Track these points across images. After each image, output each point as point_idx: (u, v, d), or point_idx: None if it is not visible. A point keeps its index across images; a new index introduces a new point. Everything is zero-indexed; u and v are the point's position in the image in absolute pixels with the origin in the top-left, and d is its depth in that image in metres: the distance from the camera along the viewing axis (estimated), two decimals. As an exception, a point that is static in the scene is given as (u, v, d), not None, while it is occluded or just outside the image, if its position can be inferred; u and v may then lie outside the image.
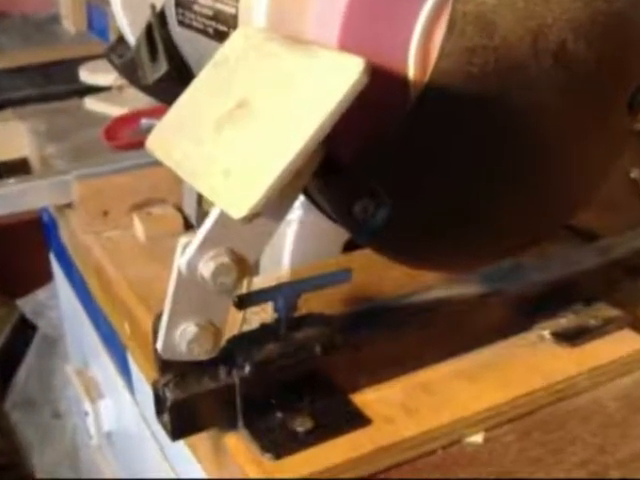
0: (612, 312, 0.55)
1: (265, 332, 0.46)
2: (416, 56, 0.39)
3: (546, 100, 0.41)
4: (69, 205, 0.75)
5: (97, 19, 1.32)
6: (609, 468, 0.45)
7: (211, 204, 0.38)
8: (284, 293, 0.45)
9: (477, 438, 0.47)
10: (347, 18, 0.39)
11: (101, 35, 1.28)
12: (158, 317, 0.42)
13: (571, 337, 0.53)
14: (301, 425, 0.44)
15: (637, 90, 0.45)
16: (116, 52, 0.65)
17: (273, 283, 0.47)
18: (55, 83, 1.05)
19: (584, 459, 0.45)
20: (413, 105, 0.39)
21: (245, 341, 0.45)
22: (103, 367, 0.96)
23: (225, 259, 0.39)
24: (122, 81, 0.87)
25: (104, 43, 1.14)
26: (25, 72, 1.11)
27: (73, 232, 0.76)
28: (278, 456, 0.43)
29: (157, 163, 0.41)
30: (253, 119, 0.38)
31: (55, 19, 1.41)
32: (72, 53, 1.15)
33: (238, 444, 0.45)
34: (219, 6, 0.47)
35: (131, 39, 0.62)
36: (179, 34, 0.55)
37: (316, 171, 0.39)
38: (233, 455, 0.45)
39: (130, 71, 0.62)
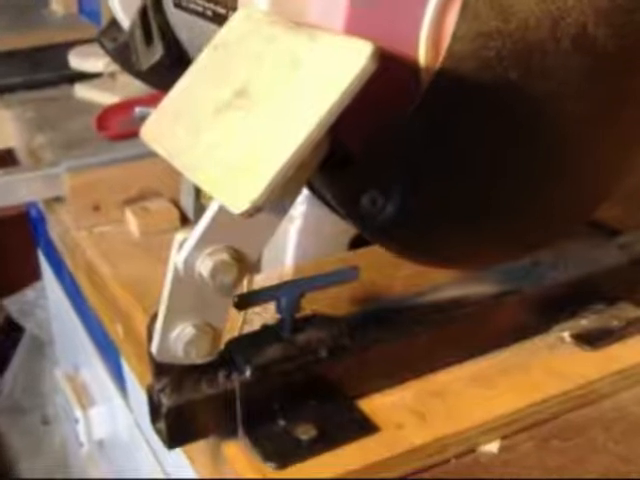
0: (636, 312, 0.55)
1: (267, 334, 0.46)
2: (428, 40, 0.39)
3: (565, 87, 0.41)
4: (59, 199, 0.75)
5: (88, 1, 1.32)
6: (633, 478, 0.45)
7: (210, 198, 0.38)
8: (287, 292, 0.45)
9: (492, 447, 0.47)
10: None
11: (92, 18, 1.27)
12: (153, 318, 0.42)
13: (592, 339, 0.53)
14: (305, 433, 0.44)
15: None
16: (108, 36, 0.65)
17: (275, 282, 0.47)
18: (43, 69, 1.04)
19: (606, 468, 0.45)
20: (425, 92, 0.39)
21: (245, 343, 0.45)
22: (95, 371, 0.96)
23: (224, 256, 0.39)
24: (115, 67, 0.86)
25: (95, 27, 1.15)
26: (11, 58, 1.11)
27: (63, 228, 0.76)
28: (281, 465, 0.43)
29: (152, 154, 0.41)
30: (254, 107, 0.38)
31: (42, 1, 1.41)
32: (61, 37, 1.15)
33: (238, 453, 0.45)
34: (218, -13, 0.47)
35: (124, 22, 0.62)
36: (175, 17, 0.55)
37: (321, 163, 0.39)
38: (233, 464, 0.45)
39: (123, 56, 0.62)
